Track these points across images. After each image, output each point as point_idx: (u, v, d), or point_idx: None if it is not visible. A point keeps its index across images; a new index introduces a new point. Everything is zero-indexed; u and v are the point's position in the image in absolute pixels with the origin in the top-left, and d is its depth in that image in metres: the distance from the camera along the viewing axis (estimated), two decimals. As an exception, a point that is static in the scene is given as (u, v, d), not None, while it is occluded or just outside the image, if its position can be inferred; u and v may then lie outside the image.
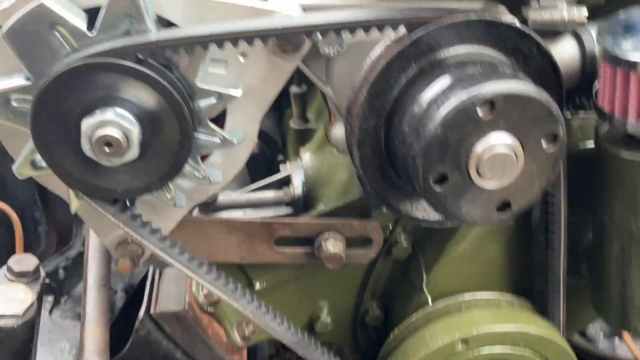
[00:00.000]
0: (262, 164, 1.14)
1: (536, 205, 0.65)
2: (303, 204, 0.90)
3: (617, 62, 0.51)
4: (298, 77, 0.91)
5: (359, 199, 0.69)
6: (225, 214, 0.93)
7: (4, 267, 0.65)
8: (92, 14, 0.52)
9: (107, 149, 0.50)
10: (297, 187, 0.90)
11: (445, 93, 0.47)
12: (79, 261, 1.14)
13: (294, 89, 0.93)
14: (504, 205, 0.50)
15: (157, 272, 0.73)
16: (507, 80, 0.47)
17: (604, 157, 0.59)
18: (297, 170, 0.92)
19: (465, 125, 0.46)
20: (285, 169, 0.96)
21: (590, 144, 0.63)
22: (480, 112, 0.46)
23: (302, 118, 1.06)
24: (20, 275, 0.64)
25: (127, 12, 0.49)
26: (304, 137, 1.06)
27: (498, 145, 0.47)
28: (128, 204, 0.57)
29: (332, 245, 0.69)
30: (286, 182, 0.93)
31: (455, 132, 0.46)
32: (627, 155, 0.56)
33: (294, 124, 1.07)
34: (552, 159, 0.49)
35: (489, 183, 0.48)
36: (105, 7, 0.49)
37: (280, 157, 1.18)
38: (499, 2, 0.59)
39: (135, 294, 0.84)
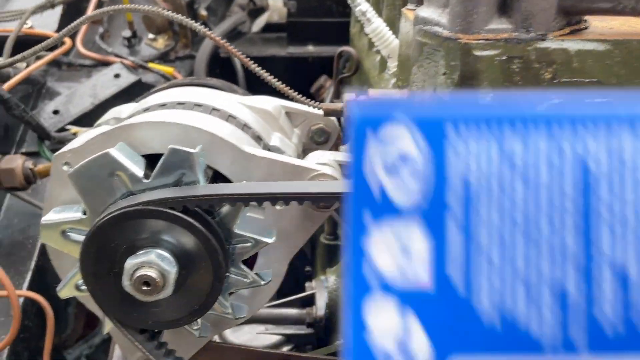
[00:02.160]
0: (289, 274, 1.18)
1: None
2: (324, 326, 0.92)
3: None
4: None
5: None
6: (247, 328, 0.96)
7: None
8: (151, 157, 0.58)
9: (144, 287, 0.54)
10: (320, 308, 0.93)
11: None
12: (102, 349, 1.17)
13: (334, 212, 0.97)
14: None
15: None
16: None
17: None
18: (322, 291, 0.95)
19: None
20: (310, 287, 0.99)
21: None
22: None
23: (333, 235, 1.10)
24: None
25: (181, 165, 0.55)
26: (332, 252, 1.10)
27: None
28: (155, 332, 0.61)
29: (347, 385, 0.70)
30: (310, 300, 0.96)
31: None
32: None
33: (324, 239, 1.11)
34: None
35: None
36: (163, 159, 0.56)
37: (307, 269, 1.21)
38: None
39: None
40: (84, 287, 0.59)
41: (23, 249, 1.03)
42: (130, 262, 0.54)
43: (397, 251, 0.23)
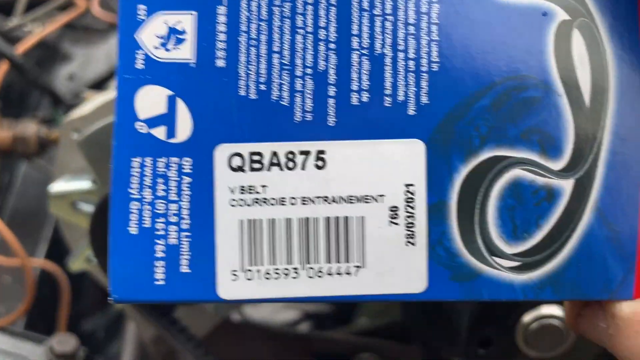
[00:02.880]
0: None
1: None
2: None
3: None
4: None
5: (401, 320, 0.72)
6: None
7: (46, 344, 0.73)
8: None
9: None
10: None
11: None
12: (119, 319, 1.22)
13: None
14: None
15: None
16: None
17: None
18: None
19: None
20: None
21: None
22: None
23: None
24: (60, 357, 0.72)
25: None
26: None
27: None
28: (169, 308, 0.64)
29: (369, 365, 0.72)
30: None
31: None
32: None
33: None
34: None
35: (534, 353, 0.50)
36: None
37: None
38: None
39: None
40: (93, 259, 0.63)
41: (39, 218, 1.09)
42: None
43: (165, 34, 0.26)
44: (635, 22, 0.26)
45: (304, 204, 0.25)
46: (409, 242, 0.26)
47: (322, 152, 0.25)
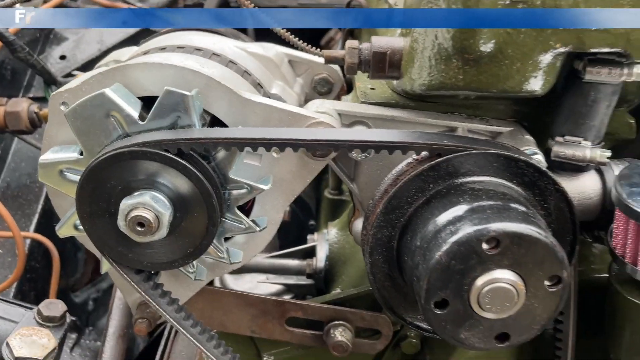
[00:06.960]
0: (294, 227, 1.19)
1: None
2: (323, 277, 0.94)
3: (630, 213, 0.53)
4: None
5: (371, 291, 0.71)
6: (248, 277, 0.98)
7: (35, 310, 0.70)
8: (147, 100, 0.58)
9: (139, 228, 0.55)
10: (320, 260, 0.94)
11: (455, 223, 0.50)
12: (109, 293, 1.21)
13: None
14: (503, 336, 0.52)
15: (173, 330, 0.78)
16: (515, 220, 0.49)
17: (613, 293, 0.60)
18: (323, 244, 0.96)
19: (469, 257, 0.49)
20: (312, 240, 1.00)
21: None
22: (484, 247, 0.49)
23: (337, 189, 1.11)
24: (47, 320, 0.70)
25: (176, 107, 0.55)
26: (336, 206, 1.11)
27: (499, 280, 0.49)
28: (152, 274, 0.62)
29: (341, 334, 0.72)
30: (311, 252, 0.97)
31: (459, 263, 0.49)
32: (634, 298, 0.57)
33: (328, 193, 1.11)
34: (555, 299, 0.50)
35: (489, 314, 0.50)
36: (158, 101, 0.55)
37: (311, 222, 1.22)
38: (526, 129, 0.62)
39: (151, 345, 0.88)
40: (81, 227, 0.61)
41: (30, 192, 1.05)
42: (125, 203, 0.55)
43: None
44: None
45: None
46: None
47: None
